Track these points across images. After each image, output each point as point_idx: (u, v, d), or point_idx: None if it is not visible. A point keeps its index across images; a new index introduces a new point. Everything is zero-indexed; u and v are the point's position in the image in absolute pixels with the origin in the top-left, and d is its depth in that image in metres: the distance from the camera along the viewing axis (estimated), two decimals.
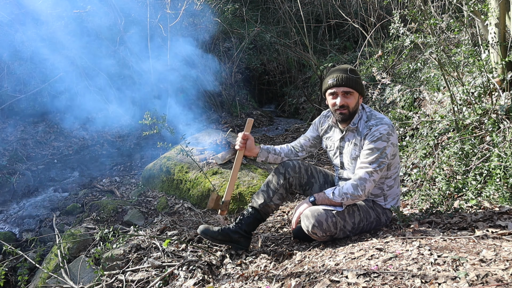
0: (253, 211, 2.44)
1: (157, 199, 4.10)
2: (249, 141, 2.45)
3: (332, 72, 2.22)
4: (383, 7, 7.19)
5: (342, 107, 2.18)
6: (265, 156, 2.52)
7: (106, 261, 2.71)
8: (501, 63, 3.08)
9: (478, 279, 1.39)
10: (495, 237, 1.87)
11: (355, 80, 2.16)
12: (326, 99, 2.30)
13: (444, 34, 4.59)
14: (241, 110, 8.21)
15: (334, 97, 2.22)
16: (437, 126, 3.39)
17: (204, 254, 2.56)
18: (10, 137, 6.07)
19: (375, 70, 4.05)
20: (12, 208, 4.76)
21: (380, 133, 2.09)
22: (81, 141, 6.61)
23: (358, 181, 2.09)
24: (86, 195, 4.78)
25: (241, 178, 3.67)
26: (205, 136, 4.65)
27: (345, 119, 2.22)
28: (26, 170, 5.50)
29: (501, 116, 2.89)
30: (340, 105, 2.18)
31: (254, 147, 2.48)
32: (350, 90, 2.16)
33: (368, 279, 1.56)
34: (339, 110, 2.20)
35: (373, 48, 6.55)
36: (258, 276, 2.08)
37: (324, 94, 2.30)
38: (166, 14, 6.85)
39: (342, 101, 2.17)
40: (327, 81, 2.23)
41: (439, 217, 2.28)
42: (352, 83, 2.15)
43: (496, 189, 2.40)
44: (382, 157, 2.09)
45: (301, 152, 2.57)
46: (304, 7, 9.25)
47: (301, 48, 7.72)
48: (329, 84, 2.20)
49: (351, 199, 2.11)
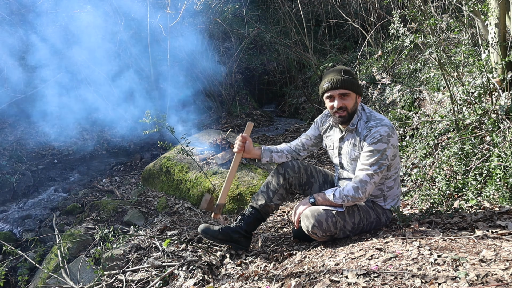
0: (253, 211, 2.44)
1: (157, 199, 4.10)
2: (247, 143, 2.45)
3: (327, 75, 2.21)
4: (383, 7, 7.18)
5: (341, 109, 2.17)
6: (269, 156, 2.51)
7: (106, 261, 2.71)
8: (501, 63, 3.08)
9: (478, 279, 1.39)
10: (495, 237, 1.87)
11: (351, 81, 2.15)
12: (324, 102, 2.29)
13: (444, 34, 4.59)
14: (241, 110, 8.21)
15: (331, 100, 2.21)
16: (437, 126, 3.39)
17: (204, 254, 2.56)
18: (10, 137, 6.06)
19: (375, 70, 4.04)
20: (12, 208, 4.76)
21: (380, 135, 2.09)
22: (81, 141, 6.61)
23: (359, 183, 2.09)
24: (86, 195, 4.78)
25: (241, 178, 3.68)
26: (205, 136, 4.65)
27: (344, 121, 2.22)
28: (26, 170, 5.51)
29: (501, 116, 2.89)
30: (338, 108, 2.17)
31: (253, 149, 2.48)
32: (347, 92, 2.16)
33: (368, 279, 1.56)
34: (337, 112, 2.19)
35: (373, 48, 6.55)
36: (258, 276, 2.08)
37: (322, 98, 2.30)
38: (166, 14, 6.85)
39: (340, 103, 2.17)
40: (322, 84, 2.22)
41: (439, 217, 2.28)
42: (347, 84, 2.14)
43: (496, 189, 2.40)
44: (383, 159, 2.08)
45: (302, 151, 2.56)
46: (304, 7, 9.25)
47: (301, 48, 7.72)
48: (325, 88, 2.19)
49: (351, 201, 2.11)
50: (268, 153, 2.51)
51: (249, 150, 2.46)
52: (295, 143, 2.58)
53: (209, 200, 2.37)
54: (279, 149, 2.54)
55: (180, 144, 3.23)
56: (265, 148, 2.53)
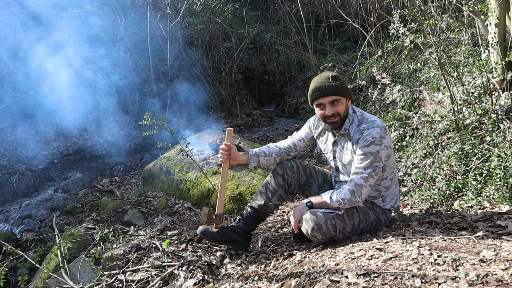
0: (252, 211, 2.44)
1: (157, 199, 4.10)
2: (232, 150, 2.41)
3: (314, 83, 2.17)
4: (383, 7, 7.19)
5: (333, 116, 2.15)
6: (256, 161, 2.48)
7: (106, 261, 2.71)
8: (501, 63, 3.08)
9: (478, 279, 1.39)
10: (495, 237, 1.87)
11: (340, 87, 2.12)
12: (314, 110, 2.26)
13: (444, 34, 4.59)
14: (241, 110, 8.22)
15: (321, 108, 2.18)
16: (437, 126, 3.39)
17: (204, 254, 2.56)
18: (10, 137, 6.06)
19: (375, 70, 4.04)
20: (12, 208, 4.76)
21: (372, 137, 2.07)
22: (81, 141, 6.61)
23: (355, 187, 2.08)
24: (86, 195, 4.78)
25: (241, 178, 3.68)
26: (205, 136, 4.65)
27: (337, 126, 2.20)
28: (26, 170, 5.50)
29: (501, 116, 2.89)
30: (329, 115, 2.15)
31: (238, 155, 2.44)
32: (337, 98, 2.13)
33: (368, 279, 1.56)
34: (329, 119, 2.17)
35: (373, 48, 6.55)
36: (258, 276, 2.08)
37: (312, 106, 2.26)
38: (166, 14, 6.85)
39: (331, 111, 2.14)
40: (311, 93, 2.18)
41: (439, 217, 2.28)
42: (337, 91, 2.11)
43: (496, 189, 2.40)
44: (376, 161, 2.07)
45: (293, 152, 2.53)
46: (304, 7, 9.25)
47: (301, 48, 7.72)
48: (314, 96, 2.16)
49: (348, 204, 2.10)
50: (255, 158, 2.47)
51: (235, 157, 2.43)
52: (286, 144, 2.53)
53: (208, 213, 2.39)
54: (267, 152, 2.50)
55: (180, 144, 3.23)
56: (252, 153, 2.48)
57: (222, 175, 2.42)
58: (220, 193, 2.42)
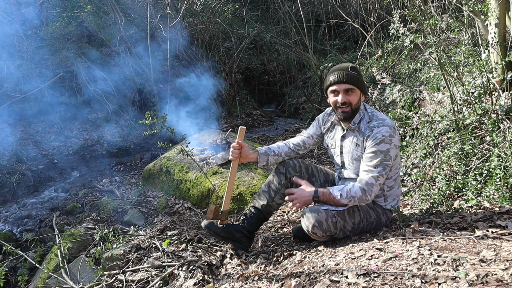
0: (255, 211, 2.45)
1: (157, 199, 4.10)
2: (243, 148, 2.42)
3: (334, 70, 2.21)
4: (383, 7, 7.19)
5: (344, 104, 2.16)
6: (265, 160, 2.48)
7: (106, 261, 2.71)
8: (501, 63, 3.08)
9: (478, 279, 1.39)
10: (495, 237, 1.87)
11: (357, 77, 2.16)
12: (328, 97, 2.28)
13: (444, 34, 4.59)
14: (241, 110, 8.22)
15: (335, 95, 2.20)
16: (437, 126, 3.39)
17: (204, 254, 2.56)
18: (10, 137, 6.06)
19: (375, 70, 4.04)
20: (12, 208, 4.76)
21: (382, 135, 2.08)
22: (81, 141, 6.61)
23: (366, 186, 2.08)
24: (86, 195, 4.78)
25: (241, 178, 3.68)
26: (205, 136, 4.65)
27: (347, 117, 2.21)
28: (26, 170, 5.50)
29: (501, 116, 2.89)
30: (342, 103, 2.16)
31: (249, 153, 2.45)
32: (352, 87, 2.15)
33: (368, 279, 1.56)
34: (341, 108, 2.19)
35: (373, 48, 6.55)
36: (258, 276, 2.08)
37: (326, 92, 2.29)
38: (166, 14, 6.85)
39: (344, 98, 2.16)
40: (328, 78, 2.21)
41: (439, 217, 2.28)
42: (353, 80, 2.14)
43: (496, 189, 2.40)
44: (387, 160, 2.08)
45: (302, 150, 2.55)
46: (304, 7, 9.25)
47: (301, 48, 7.72)
48: (331, 81, 2.19)
49: (358, 202, 2.10)
50: (265, 157, 2.48)
51: (245, 155, 2.44)
52: (295, 141, 2.56)
53: (214, 210, 2.39)
54: (276, 151, 2.50)
55: (180, 144, 3.23)
56: (261, 151, 2.49)
57: (231, 173, 2.41)
58: (228, 190, 2.41)
